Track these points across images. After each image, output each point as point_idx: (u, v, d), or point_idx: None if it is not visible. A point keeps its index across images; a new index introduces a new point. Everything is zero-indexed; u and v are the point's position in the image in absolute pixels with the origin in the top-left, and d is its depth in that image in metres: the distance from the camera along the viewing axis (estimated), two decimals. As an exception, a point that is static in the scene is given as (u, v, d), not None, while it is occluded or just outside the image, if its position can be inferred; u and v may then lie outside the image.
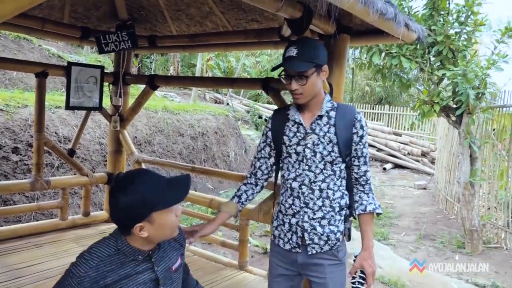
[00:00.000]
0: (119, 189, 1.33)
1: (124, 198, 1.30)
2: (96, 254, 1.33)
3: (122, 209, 1.31)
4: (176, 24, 3.68)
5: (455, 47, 5.00)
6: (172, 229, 1.41)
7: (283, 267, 1.82)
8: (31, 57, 8.46)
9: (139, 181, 1.34)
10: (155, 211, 1.33)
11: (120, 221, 1.35)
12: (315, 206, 1.73)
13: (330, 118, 1.74)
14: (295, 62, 1.65)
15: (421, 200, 7.91)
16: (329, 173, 1.73)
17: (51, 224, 3.58)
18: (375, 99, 16.40)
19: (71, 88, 3.52)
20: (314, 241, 1.73)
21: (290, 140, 1.75)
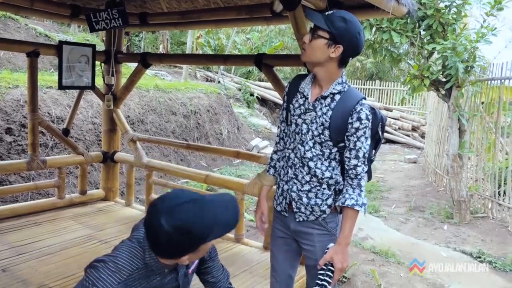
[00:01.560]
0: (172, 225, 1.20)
1: (177, 236, 1.21)
2: (124, 267, 1.27)
3: (173, 246, 1.24)
4: (166, 1, 3.65)
5: (445, 20, 5.03)
6: (207, 251, 1.46)
7: (280, 230, 1.90)
8: (17, 37, 8.31)
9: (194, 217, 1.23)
10: (203, 244, 1.29)
11: (166, 253, 1.28)
12: (303, 180, 1.76)
13: (333, 101, 1.70)
14: (319, 15, 1.67)
15: (411, 174, 8.07)
16: (317, 153, 1.73)
17: (49, 203, 3.64)
18: (366, 74, 16.40)
19: (63, 67, 3.51)
20: (301, 210, 1.79)
21: (294, 110, 1.77)
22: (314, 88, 1.76)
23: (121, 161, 3.97)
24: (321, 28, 1.65)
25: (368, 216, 5.50)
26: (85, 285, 1.24)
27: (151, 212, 1.26)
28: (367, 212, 5.55)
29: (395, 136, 11.75)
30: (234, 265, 2.84)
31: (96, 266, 1.26)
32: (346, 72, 11.93)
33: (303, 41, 1.71)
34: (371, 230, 4.95)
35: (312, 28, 1.69)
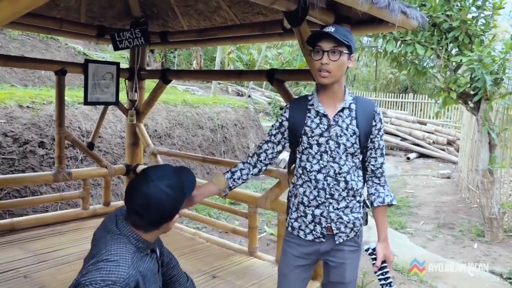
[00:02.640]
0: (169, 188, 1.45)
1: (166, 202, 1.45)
2: (124, 254, 1.37)
3: (161, 212, 1.45)
4: (186, 19, 3.80)
5: (472, 32, 4.90)
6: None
7: (302, 257, 1.83)
8: (57, 56, 8.82)
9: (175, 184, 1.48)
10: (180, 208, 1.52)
11: (153, 222, 1.45)
12: (340, 197, 1.75)
13: (351, 111, 1.76)
14: (332, 35, 1.65)
15: (444, 189, 7.79)
16: (351, 165, 1.76)
17: (74, 213, 3.81)
18: (400, 87, 16.08)
19: (89, 84, 3.71)
20: (341, 229, 1.77)
21: (313, 131, 1.75)
22: (326, 105, 1.77)
23: (143, 174, 4.10)
24: (342, 44, 1.67)
25: (393, 232, 5.36)
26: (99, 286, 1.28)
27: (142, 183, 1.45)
28: (393, 228, 5.44)
29: (429, 151, 11.38)
30: (244, 278, 2.85)
31: (97, 268, 1.32)
32: (380, 85, 11.84)
33: (324, 63, 1.67)
34: (396, 247, 4.81)
35: (331, 49, 1.66)
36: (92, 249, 1.53)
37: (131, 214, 1.45)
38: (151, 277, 1.45)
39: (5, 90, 5.22)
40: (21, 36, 8.43)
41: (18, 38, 8.36)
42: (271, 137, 1.87)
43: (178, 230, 3.78)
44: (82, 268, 1.51)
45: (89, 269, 1.35)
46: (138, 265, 1.39)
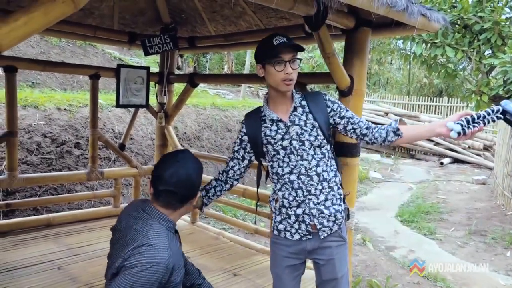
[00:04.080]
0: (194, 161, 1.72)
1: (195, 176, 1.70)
2: (162, 237, 1.55)
3: (191, 186, 1.67)
4: (213, 24, 3.91)
5: (506, 33, 4.77)
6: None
7: (291, 257, 1.88)
8: (95, 61, 9.21)
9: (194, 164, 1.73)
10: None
11: (187, 196, 1.68)
12: (317, 191, 1.81)
13: (304, 107, 1.85)
14: (291, 45, 1.75)
15: (478, 196, 7.55)
16: (320, 157, 1.82)
17: (105, 211, 3.99)
18: (434, 91, 15.68)
19: (121, 88, 3.89)
20: (324, 224, 1.82)
21: (274, 138, 1.82)
22: (277, 111, 1.85)
23: (171, 174, 4.24)
24: (297, 52, 1.79)
25: (421, 238, 5.28)
26: (139, 272, 1.46)
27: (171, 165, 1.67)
28: (422, 234, 5.35)
29: (464, 156, 11.04)
30: (264, 277, 2.91)
31: (140, 252, 1.49)
32: (413, 89, 11.67)
33: (290, 73, 1.75)
34: (423, 253, 4.74)
35: (292, 59, 1.76)
36: (118, 241, 1.65)
37: (162, 195, 1.63)
38: (180, 257, 1.63)
39: (45, 94, 5.53)
40: (62, 43, 8.86)
41: (59, 44, 8.80)
42: (235, 153, 1.97)
43: (203, 230, 3.89)
44: (110, 260, 1.64)
45: (130, 254, 1.49)
46: (172, 245, 1.54)
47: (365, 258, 4.37)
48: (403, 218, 6.01)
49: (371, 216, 6.10)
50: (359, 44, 2.63)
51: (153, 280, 1.45)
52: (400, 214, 6.21)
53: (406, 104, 14.41)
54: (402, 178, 9.18)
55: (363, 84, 2.74)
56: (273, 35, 1.81)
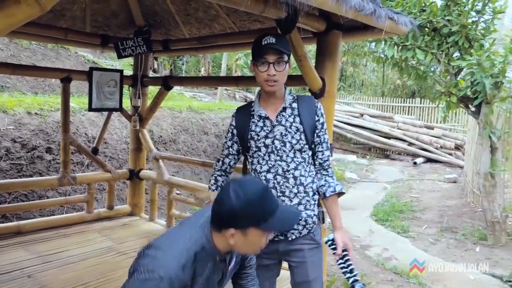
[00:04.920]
0: (235, 190, 1.31)
1: (237, 201, 1.29)
2: (182, 250, 1.30)
3: (226, 208, 1.31)
4: (187, 27, 3.91)
5: (472, 36, 4.94)
6: (256, 250, 1.41)
7: (264, 257, 1.87)
8: (67, 64, 9.03)
9: (257, 196, 1.32)
10: (254, 227, 1.32)
11: (219, 218, 1.35)
12: (291, 194, 1.82)
13: (293, 109, 1.86)
14: (276, 48, 1.75)
15: (449, 194, 7.76)
16: (300, 161, 1.84)
17: (78, 217, 3.92)
18: (407, 92, 16.04)
19: (93, 91, 3.84)
20: (293, 226, 1.83)
21: (258, 134, 1.84)
22: (267, 108, 1.86)
23: (146, 178, 4.21)
24: (286, 54, 1.80)
25: (395, 236, 5.39)
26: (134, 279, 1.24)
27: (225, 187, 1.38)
28: (395, 232, 5.46)
29: (436, 155, 11.33)
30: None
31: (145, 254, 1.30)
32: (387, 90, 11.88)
33: (272, 75, 1.76)
34: (397, 251, 4.84)
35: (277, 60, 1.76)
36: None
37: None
38: (205, 283, 1.39)
39: (15, 98, 5.39)
40: (32, 45, 8.65)
41: (30, 47, 8.58)
42: (230, 149, 1.98)
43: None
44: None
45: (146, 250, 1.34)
46: (193, 266, 1.31)
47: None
48: (378, 217, 6.13)
49: (347, 216, 6.18)
50: (331, 47, 2.69)
51: None
52: (375, 214, 6.32)
53: (381, 106, 14.68)
54: (377, 178, 9.35)
55: (335, 86, 2.79)
56: (265, 34, 1.81)
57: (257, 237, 1.34)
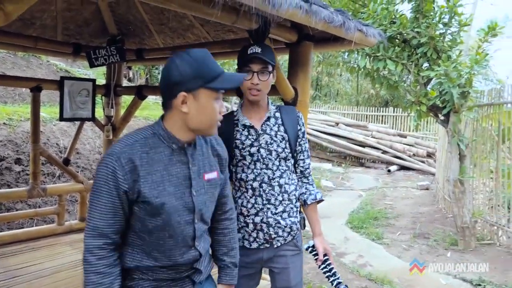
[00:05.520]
0: (179, 55, 1.33)
1: (179, 61, 1.31)
2: (131, 135, 1.34)
3: (173, 71, 1.31)
4: (161, 37, 3.90)
5: (440, 47, 5.12)
6: (212, 119, 1.37)
7: (247, 267, 1.88)
8: (39, 73, 8.83)
9: (201, 55, 1.33)
10: (204, 87, 1.31)
11: (167, 86, 1.34)
12: (276, 201, 1.86)
13: (277, 119, 1.90)
14: (260, 57, 1.79)
15: (422, 200, 7.94)
16: (285, 169, 1.88)
17: (49, 229, 3.82)
18: (381, 101, 16.41)
19: (65, 100, 3.77)
20: (279, 234, 1.86)
21: (243, 143, 1.86)
22: (251, 117, 1.88)
23: (119, 189, 4.14)
24: (271, 64, 1.83)
25: (369, 243, 5.46)
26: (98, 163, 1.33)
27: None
28: (370, 239, 5.54)
29: (409, 163, 11.60)
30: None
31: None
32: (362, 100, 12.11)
33: (256, 83, 1.79)
34: (372, 257, 4.91)
35: (261, 70, 1.79)
36: None
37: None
38: (164, 173, 1.34)
39: (-17, 108, 5.24)
40: (2, 54, 8.43)
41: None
42: None
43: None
44: None
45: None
46: (145, 150, 1.32)
47: (316, 265, 4.46)
48: (353, 225, 6.21)
49: (323, 223, 6.14)
50: (302, 57, 2.73)
51: (104, 174, 1.27)
52: (350, 221, 6.40)
53: (355, 114, 14.96)
54: (352, 186, 9.49)
55: (307, 95, 2.84)
56: (251, 44, 1.86)
57: (208, 99, 1.34)
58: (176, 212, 1.36)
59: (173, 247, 1.39)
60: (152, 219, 1.34)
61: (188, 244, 1.43)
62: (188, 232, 1.41)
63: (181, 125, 1.36)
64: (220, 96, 1.39)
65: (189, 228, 1.41)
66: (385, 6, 5.32)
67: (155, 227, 1.35)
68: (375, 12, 5.25)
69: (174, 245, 1.39)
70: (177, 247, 1.40)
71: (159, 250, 1.38)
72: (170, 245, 1.39)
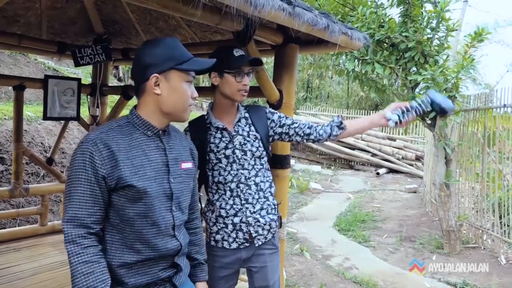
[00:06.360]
0: (151, 41, 1.41)
1: (151, 46, 1.38)
2: (105, 125, 1.37)
3: (145, 56, 1.36)
4: (148, 36, 3.86)
5: (427, 52, 5.15)
6: (183, 102, 1.40)
7: (225, 267, 1.90)
8: (26, 71, 8.72)
9: (172, 41, 1.41)
10: (175, 68, 1.36)
11: (140, 69, 1.37)
12: (254, 200, 1.87)
13: (247, 119, 1.93)
14: (248, 58, 1.85)
15: (409, 204, 8.00)
16: (259, 167, 1.90)
17: (31, 230, 3.76)
18: (371, 104, 16.50)
19: (49, 99, 3.72)
20: (259, 232, 1.88)
21: (218, 146, 1.86)
22: (223, 119, 1.90)
23: (104, 189, 4.09)
24: (258, 65, 1.91)
25: (356, 246, 5.48)
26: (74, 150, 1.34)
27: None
28: (357, 242, 5.56)
29: (398, 166, 11.68)
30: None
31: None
32: (352, 102, 12.16)
33: (247, 84, 1.86)
34: (358, 260, 4.92)
35: (249, 71, 1.88)
36: None
37: None
38: (143, 158, 1.35)
39: (-33, 105, 5.15)
40: (-12, 51, 8.32)
41: (-15, 53, 8.26)
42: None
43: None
44: None
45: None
46: (120, 136, 1.33)
47: (302, 267, 4.46)
48: (340, 227, 6.22)
49: (310, 226, 6.25)
50: (288, 60, 2.73)
51: (81, 160, 1.26)
52: (337, 224, 6.41)
53: (346, 117, 15.02)
54: (341, 188, 9.52)
55: (292, 97, 2.83)
56: (231, 46, 1.92)
57: (179, 81, 1.37)
58: (157, 198, 1.35)
59: (156, 235, 1.37)
60: (134, 205, 1.32)
61: (170, 233, 1.41)
62: (168, 220, 1.40)
63: (154, 109, 1.38)
64: (192, 80, 1.42)
65: (169, 215, 1.40)
66: (373, 10, 5.36)
67: (136, 214, 1.33)
68: (364, 16, 5.28)
69: (156, 233, 1.37)
70: (159, 235, 1.38)
71: (141, 240, 1.35)
72: (153, 233, 1.36)
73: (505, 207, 5.05)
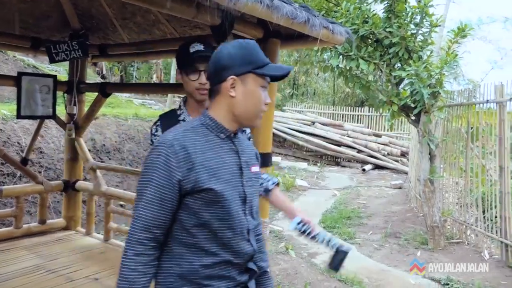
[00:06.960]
0: (230, 43, 1.37)
1: (231, 48, 1.34)
2: (180, 126, 1.36)
3: (224, 56, 1.33)
4: (126, 32, 3.75)
5: (411, 48, 5.14)
6: (257, 107, 1.37)
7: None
8: (4, 69, 8.50)
9: (252, 43, 1.38)
10: (253, 72, 1.33)
11: (216, 70, 1.35)
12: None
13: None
14: (205, 55, 1.67)
15: (395, 199, 8.02)
16: None
17: (5, 232, 3.62)
18: (357, 101, 16.55)
19: (23, 97, 3.58)
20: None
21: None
22: (195, 115, 1.80)
23: (82, 190, 3.97)
24: None
25: (341, 243, 5.44)
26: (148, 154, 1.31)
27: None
28: (342, 239, 5.52)
29: (384, 162, 11.72)
30: None
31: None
32: (338, 99, 12.16)
33: (204, 83, 1.71)
34: (343, 258, 4.88)
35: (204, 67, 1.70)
36: None
37: None
38: (218, 160, 1.33)
39: None
40: (-36, 48, 8.06)
41: (-39, 49, 8.00)
42: None
43: (117, 248, 3.67)
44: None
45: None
46: (197, 137, 1.32)
47: (287, 266, 4.41)
48: (326, 224, 6.19)
49: (296, 223, 6.20)
50: (269, 55, 2.58)
51: (155, 162, 1.26)
52: (323, 221, 6.38)
53: (332, 114, 15.04)
54: (327, 185, 9.50)
55: (274, 94, 2.77)
56: (191, 41, 1.77)
57: (256, 85, 1.34)
58: (234, 201, 1.33)
59: (233, 238, 1.34)
60: (210, 209, 1.29)
61: (245, 237, 1.37)
62: (244, 223, 1.37)
63: (227, 112, 1.36)
64: (267, 86, 1.39)
65: (244, 219, 1.37)
66: (357, 5, 5.32)
67: (213, 217, 1.30)
68: (348, 11, 5.23)
69: (233, 236, 1.34)
70: (236, 238, 1.34)
71: (218, 243, 1.31)
72: (229, 237, 1.33)
73: (488, 202, 5.07)
